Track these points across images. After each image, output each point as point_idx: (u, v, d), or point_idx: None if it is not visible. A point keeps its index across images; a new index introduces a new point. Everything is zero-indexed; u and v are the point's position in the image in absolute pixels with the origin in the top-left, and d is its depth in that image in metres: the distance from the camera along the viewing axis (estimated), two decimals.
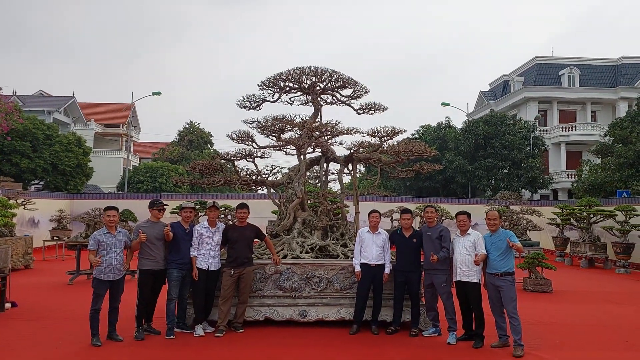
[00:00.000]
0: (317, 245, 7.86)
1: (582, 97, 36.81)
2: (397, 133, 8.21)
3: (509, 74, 41.69)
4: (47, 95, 47.22)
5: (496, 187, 30.52)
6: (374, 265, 7.05)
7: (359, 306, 7.05)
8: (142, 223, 6.93)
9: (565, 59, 38.69)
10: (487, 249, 6.53)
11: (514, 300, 6.31)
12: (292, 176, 8.58)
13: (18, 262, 14.64)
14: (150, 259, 6.74)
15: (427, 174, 31.36)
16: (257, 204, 22.01)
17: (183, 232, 6.96)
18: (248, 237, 7.13)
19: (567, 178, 34.00)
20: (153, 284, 6.79)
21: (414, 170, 8.71)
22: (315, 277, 7.30)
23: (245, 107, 8.81)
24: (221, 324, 6.85)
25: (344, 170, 8.84)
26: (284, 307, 7.24)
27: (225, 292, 6.90)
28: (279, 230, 8.14)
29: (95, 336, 6.34)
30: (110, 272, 6.40)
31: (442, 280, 6.82)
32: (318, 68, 8.32)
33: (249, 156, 8.65)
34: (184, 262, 6.85)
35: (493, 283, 6.44)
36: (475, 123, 30.89)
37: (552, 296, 10.73)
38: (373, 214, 7.32)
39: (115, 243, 6.50)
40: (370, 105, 8.77)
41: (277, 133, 8.29)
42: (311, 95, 8.70)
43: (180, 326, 6.96)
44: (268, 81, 8.53)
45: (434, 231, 6.99)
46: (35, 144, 26.46)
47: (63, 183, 28.29)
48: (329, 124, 8.30)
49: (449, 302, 6.83)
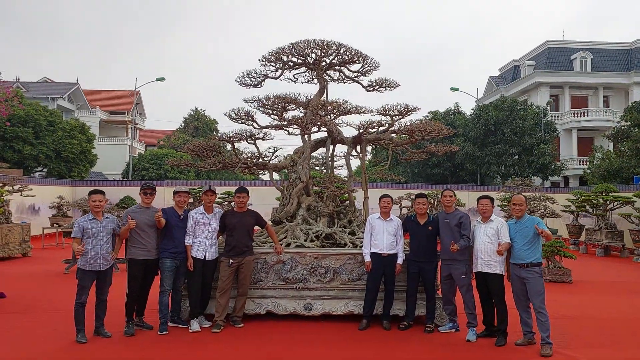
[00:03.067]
0: (322, 233, 7.28)
1: (595, 81, 36.18)
2: (410, 111, 7.52)
3: (519, 59, 40.76)
4: (51, 82, 46.81)
5: (506, 174, 29.97)
6: (386, 255, 6.46)
7: (369, 299, 6.46)
8: (132, 208, 6.36)
9: (577, 42, 37.86)
10: (512, 237, 5.90)
11: (541, 294, 5.69)
12: (295, 159, 7.97)
13: (15, 250, 14.24)
14: (140, 247, 6.17)
15: (436, 161, 30.90)
16: (260, 191, 21.53)
17: (177, 218, 6.38)
18: (248, 223, 6.54)
19: (579, 165, 33.38)
20: (144, 274, 6.24)
21: (427, 152, 8.05)
22: (321, 267, 6.72)
23: (245, 85, 8.14)
24: (219, 319, 6.31)
25: (352, 152, 8.21)
26: (287, 300, 6.68)
27: (223, 283, 6.35)
28: (282, 217, 7.55)
29: (80, 332, 5.80)
30: (96, 262, 5.84)
31: (462, 271, 6.21)
32: (324, 41, 7.64)
33: (250, 138, 8.02)
34: (177, 251, 6.29)
35: (518, 275, 5.82)
36: (485, 108, 30.23)
37: (572, 287, 10.12)
38: (384, 199, 6.70)
39: (102, 230, 5.93)
40: (380, 82, 8.07)
41: (279, 111, 7.62)
42: (316, 71, 8.02)
43: (175, 320, 6.43)
44: (270, 55, 7.85)
45: (453, 217, 6.36)
46: (38, 130, 26.23)
47: (66, 170, 28.18)
48: (336, 102, 7.63)
49: (469, 296, 6.22)
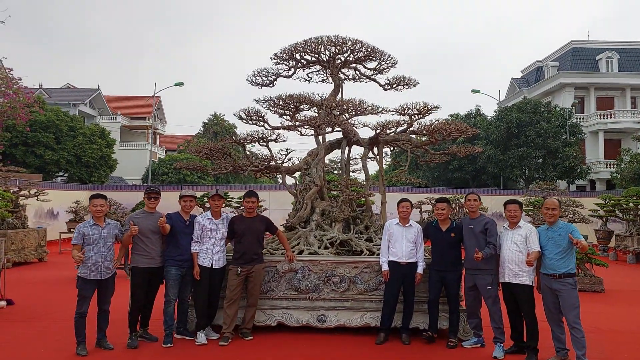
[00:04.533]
0: (337, 239, 6.87)
1: (622, 82, 35.03)
2: (430, 110, 7.07)
3: (542, 60, 39.74)
4: (73, 88, 47.48)
5: (529, 177, 29.15)
6: (405, 264, 6.02)
7: (387, 311, 6.03)
8: (136, 214, 6.04)
9: (603, 42, 36.75)
10: (543, 244, 5.41)
11: (576, 308, 5.18)
12: (309, 161, 7.58)
13: (31, 255, 14.20)
14: (144, 255, 5.85)
15: (457, 164, 30.23)
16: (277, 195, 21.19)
17: (182, 223, 6.05)
18: (257, 230, 6.17)
19: (606, 168, 32.25)
20: (148, 283, 5.91)
21: (449, 154, 7.58)
22: (336, 276, 6.31)
23: (256, 84, 7.80)
24: (227, 330, 5.94)
25: (369, 154, 7.80)
26: (300, 311, 6.28)
27: (232, 293, 5.98)
28: (295, 222, 7.17)
29: (80, 344, 5.49)
30: (97, 271, 5.54)
31: (488, 282, 5.73)
32: (339, 37, 7.26)
33: (262, 139, 7.67)
34: (183, 259, 5.96)
35: (550, 286, 5.32)
36: (507, 110, 29.50)
37: (605, 297, 9.50)
38: (403, 203, 6.26)
39: (104, 236, 5.62)
40: (398, 80, 7.64)
41: (291, 111, 7.25)
42: (331, 69, 7.65)
43: (181, 332, 6.08)
44: (282, 53, 7.49)
45: (478, 223, 5.88)
46: (59, 135, 26.50)
47: (87, 175, 28.40)
48: (351, 101, 7.22)
49: (496, 308, 5.73)
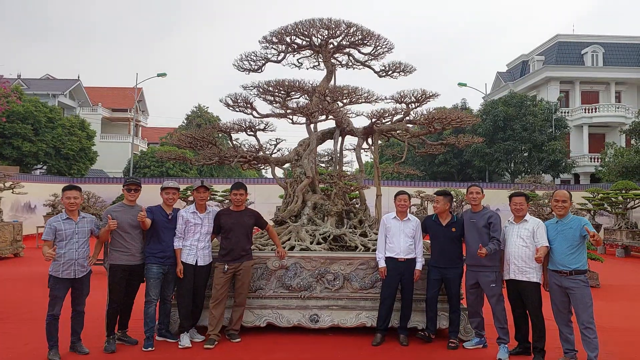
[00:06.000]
0: (331, 234, 6.48)
1: (606, 76, 35.19)
2: (428, 98, 6.70)
3: (528, 54, 39.74)
4: (52, 79, 46.33)
5: (515, 171, 29.16)
6: (403, 260, 5.66)
7: (384, 310, 5.67)
8: (114, 207, 5.58)
9: (588, 37, 36.82)
10: (551, 239, 5.08)
11: (589, 307, 4.86)
12: (300, 152, 7.17)
13: (6, 250, 13.60)
14: (123, 251, 5.40)
15: (442, 158, 30.06)
16: (263, 188, 20.73)
17: (165, 217, 5.60)
18: (246, 224, 5.75)
19: (590, 162, 32.41)
20: (128, 282, 5.46)
21: (447, 144, 7.23)
22: (329, 273, 5.93)
23: (244, 69, 7.32)
24: (212, 332, 5.53)
25: (363, 144, 7.41)
26: (291, 311, 5.89)
27: (218, 292, 5.57)
28: (285, 217, 6.77)
29: (53, 348, 5.04)
30: (70, 269, 5.07)
31: (491, 279, 5.40)
32: (332, 20, 6.84)
33: (250, 128, 7.23)
34: (166, 256, 5.52)
35: (559, 284, 5.00)
36: (494, 104, 29.46)
37: (602, 292, 9.28)
38: (401, 196, 5.88)
39: (78, 232, 5.15)
40: (394, 66, 7.24)
41: (282, 98, 6.81)
42: (323, 54, 7.22)
43: (163, 334, 5.66)
44: (271, 36, 7.04)
45: (480, 217, 5.54)
46: (37, 127, 25.78)
47: (66, 167, 27.71)
48: (346, 87, 6.81)
49: (499, 307, 5.41)
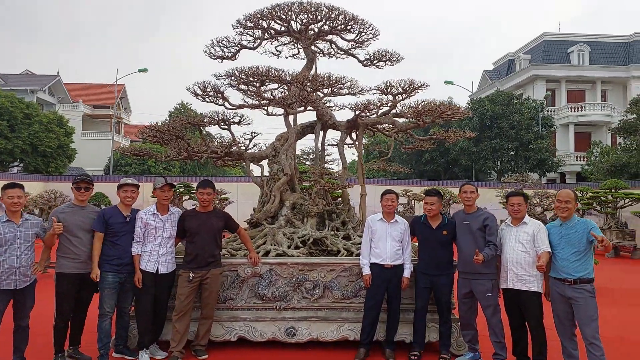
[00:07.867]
0: (310, 237, 5.90)
1: (592, 75, 35.29)
2: (416, 89, 6.15)
3: (514, 52, 39.71)
4: (31, 75, 45.24)
5: (502, 170, 29.00)
6: (389, 267, 5.11)
7: (368, 322, 5.11)
8: (61, 207, 4.94)
9: (574, 35, 36.87)
10: (554, 244, 4.58)
11: (594, 320, 4.39)
12: (278, 147, 6.58)
13: None
14: (72, 258, 4.77)
15: (429, 156, 29.75)
16: (245, 187, 20.08)
17: (122, 220, 4.98)
18: (214, 227, 5.15)
19: (576, 160, 32.38)
20: (78, 293, 4.83)
21: (436, 139, 6.70)
22: (308, 281, 5.36)
23: (216, 57, 6.71)
24: (175, 349, 4.93)
25: (346, 139, 6.85)
26: (265, 323, 5.31)
27: (182, 303, 4.96)
28: (261, 218, 6.17)
29: None
30: (10, 278, 4.43)
31: (487, 288, 4.87)
32: (311, 3, 6.25)
33: (223, 121, 6.61)
34: (122, 263, 4.91)
35: (562, 293, 4.49)
36: (481, 102, 29.26)
37: (598, 296, 8.72)
38: (387, 196, 5.32)
39: (19, 236, 4.51)
40: (380, 55, 6.68)
41: (256, 86, 6.20)
42: (303, 41, 6.64)
43: (120, 350, 5.05)
44: (246, 20, 6.43)
45: (475, 219, 5.01)
46: (13, 123, 24.99)
47: (44, 165, 26.90)
48: (328, 76, 6.23)
49: (496, 319, 4.89)
